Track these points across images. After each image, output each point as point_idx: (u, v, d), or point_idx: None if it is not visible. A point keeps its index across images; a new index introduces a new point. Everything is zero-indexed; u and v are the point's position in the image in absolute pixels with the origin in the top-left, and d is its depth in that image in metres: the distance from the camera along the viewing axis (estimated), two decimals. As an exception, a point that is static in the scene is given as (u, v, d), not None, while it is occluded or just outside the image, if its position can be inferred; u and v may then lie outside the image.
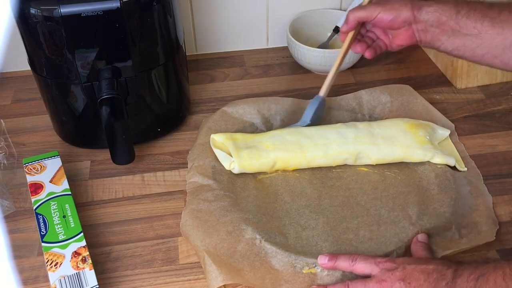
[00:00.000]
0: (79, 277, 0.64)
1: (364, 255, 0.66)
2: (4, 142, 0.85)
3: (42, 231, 0.69)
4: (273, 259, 0.68)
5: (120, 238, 0.74)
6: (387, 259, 0.65)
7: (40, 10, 0.71)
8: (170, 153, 0.87)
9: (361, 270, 0.65)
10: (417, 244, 0.70)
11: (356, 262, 0.65)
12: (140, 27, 0.76)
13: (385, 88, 0.93)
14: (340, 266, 0.66)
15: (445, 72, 1.02)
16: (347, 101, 0.92)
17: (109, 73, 0.77)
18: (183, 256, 0.72)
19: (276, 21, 1.08)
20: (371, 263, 0.65)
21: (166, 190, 0.81)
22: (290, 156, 0.79)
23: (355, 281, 0.64)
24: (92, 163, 0.85)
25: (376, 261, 0.65)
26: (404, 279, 0.62)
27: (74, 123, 0.86)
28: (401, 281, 0.62)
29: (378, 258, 0.65)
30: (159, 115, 0.88)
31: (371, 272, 0.64)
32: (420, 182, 0.79)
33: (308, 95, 0.96)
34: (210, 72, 1.05)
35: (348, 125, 0.84)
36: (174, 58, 0.84)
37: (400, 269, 0.63)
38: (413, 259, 0.65)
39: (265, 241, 0.69)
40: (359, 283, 0.64)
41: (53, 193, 0.75)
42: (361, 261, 0.65)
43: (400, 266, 0.63)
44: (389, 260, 0.65)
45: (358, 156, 0.80)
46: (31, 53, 0.79)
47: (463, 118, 0.92)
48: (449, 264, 0.62)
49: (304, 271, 0.67)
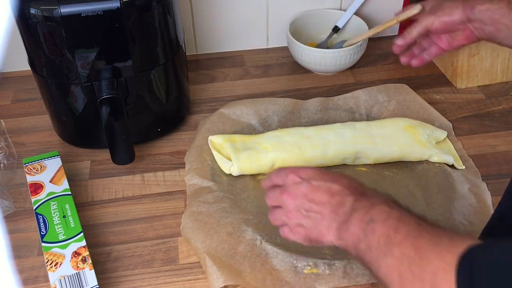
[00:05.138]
0: (79, 277, 0.64)
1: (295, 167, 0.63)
2: (4, 142, 0.85)
3: (42, 231, 0.69)
4: (274, 259, 0.68)
5: (120, 238, 0.74)
6: (298, 170, 0.62)
7: (40, 10, 0.71)
8: (170, 153, 0.87)
9: (276, 181, 0.64)
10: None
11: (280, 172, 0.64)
12: (140, 27, 0.76)
13: (382, 88, 0.93)
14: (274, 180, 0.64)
15: (445, 72, 1.02)
16: (344, 101, 0.92)
17: (109, 73, 0.77)
18: (183, 256, 0.72)
19: (276, 21, 1.07)
20: (285, 173, 0.63)
21: (166, 190, 0.81)
22: (289, 157, 0.79)
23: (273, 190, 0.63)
24: (92, 163, 0.85)
25: (288, 171, 0.62)
26: (307, 194, 0.60)
27: (74, 123, 0.86)
28: (304, 196, 0.60)
29: (296, 169, 0.63)
30: (159, 115, 0.88)
31: (282, 182, 0.63)
32: (419, 181, 0.79)
33: (308, 95, 0.96)
34: (210, 72, 1.05)
35: (346, 125, 0.84)
36: (174, 58, 0.84)
37: (305, 184, 0.60)
38: (321, 175, 0.61)
39: (266, 242, 0.69)
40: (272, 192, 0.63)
41: (53, 193, 0.75)
42: (280, 171, 0.64)
43: (306, 182, 0.61)
44: (299, 172, 0.62)
45: (357, 156, 0.80)
46: (31, 53, 0.79)
47: (463, 118, 0.92)
48: (353, 190, 0.59)
49: (306, 272, 0.67)
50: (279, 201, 0.63)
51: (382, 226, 0.52)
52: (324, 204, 0.59)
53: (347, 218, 0.56)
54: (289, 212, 0.61)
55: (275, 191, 0.63)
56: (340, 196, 0.59)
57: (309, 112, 0.91)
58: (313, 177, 0.61)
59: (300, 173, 0.62)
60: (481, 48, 0.94)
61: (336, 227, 0.57)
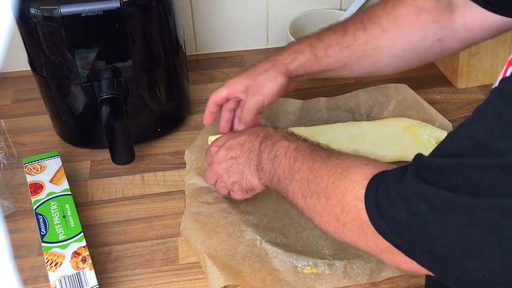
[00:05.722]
0: (79, 277, 0.64)
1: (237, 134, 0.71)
2: (4, 142, 0.85)
3: (42, 231, 0.69)
4: (274, 259, 0.68)
5: (120, 238, 0.74)
6: (215, 141, 0.73)
7: (40, 10, 0.71)
8: (170, 153, 0.87)
9: (207, 160, 0.75)
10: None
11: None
12: (140, 27, 0.76)
13: (382, 88, 0.93)
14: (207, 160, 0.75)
15: (445, 72, 1.02)
16: (344, 101, 0.92)
17: (109, 73, 0.77)
18: (183, 256, 0.72)
19: (276, 21, 1.07)
20: (208, 150, 0.74)
21: (166, 190, 0.81)
22: None
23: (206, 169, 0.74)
24: (92, 163, 0.85)
25: (219, 141, 0.73)
26: (226, 155, 0.70)
27: (74, 123, 0.86)
28: (225, 158, 0.70)
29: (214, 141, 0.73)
30: (159, 115, 0.88)
31: (210, 158, 0.73)
32: None
33: (308, 95, 0.96)
34: (210, 72, 1.05)
35: (347, 125, 0.84)
36: (174, 58, 0.84)
37: (222, 148, 0.71)
38: (231, 135, 0.72)
39: (266, 242, 0.69)
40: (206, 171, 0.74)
41: (53, 193, 0.75)
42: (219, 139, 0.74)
43: (222, 147, 0.71)
44: (216, 142, 0.73)
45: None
46: (31, 53, 0.79)
47: (463, 118, 0.91)
48: (257, 133, 0.68)
49: (306, 271, 0.67)
50: (213, 174, 0.72)
51: (284, 158, 0.62)
52: (240, 156, 0.69)
53: (259, 159, 0.66)
54: (221, 176, 0.71)
55: (207, 169, 0.74)
56: (248, 143, 0.68)
57: (309, 112, 0.91)
58: (226, 139, 0.71)
59: (216, 142, 0.73)
60: (481, 48, 0.94)
61: (254, 170, 0.67)
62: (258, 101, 0.75)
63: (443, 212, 0.43)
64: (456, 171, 0.43)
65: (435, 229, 0.43)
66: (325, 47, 0.74)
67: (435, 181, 0.43)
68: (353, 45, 0.73)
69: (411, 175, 0.45)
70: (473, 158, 0.42)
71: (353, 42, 0.73)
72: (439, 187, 0.43)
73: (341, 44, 0.73)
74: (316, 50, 0.74)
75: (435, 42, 0.71)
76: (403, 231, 0.46)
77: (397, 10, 0.71)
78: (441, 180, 0.43)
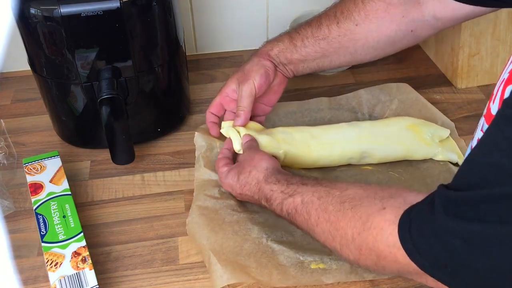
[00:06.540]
0: (79, 277, 0.64)
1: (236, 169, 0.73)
2: (4, 142, 0.85)
3: (42, 231, 0.69)
4: (280, 256, 0.68)
5: (120, 238, 0.74)
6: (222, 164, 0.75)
7: (40, 10, 0.71)
8: (170, 153, 0.87)
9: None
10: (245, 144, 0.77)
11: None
12: (140, 27, 0.76)
13: (384, 87, 0.93)
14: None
15: (445, 72, 1.02)
16: (346, 101, 0.92)
17: (109, 73, 0.77)
18: (183, 256, 0.72)
19: (276, 21, 1.07)
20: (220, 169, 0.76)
21: (166, 190, 0.81)
22: (299, 154, 0.79)
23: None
24: (92, 163, 0.85)
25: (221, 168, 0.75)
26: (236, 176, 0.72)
27: (74, 123, 0.86)
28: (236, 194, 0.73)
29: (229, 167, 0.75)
30: (159, 115, 0.88)
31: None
32: (424, 180, 0.79)
33: (308, 95, 0.96)
34: (210, 72, 1.05)
35: (351, 124, 0.84)
36: (174, 58, 0.84)
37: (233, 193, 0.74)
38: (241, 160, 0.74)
39: (272, 241, 0.70)
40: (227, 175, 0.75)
41: (53, 193, 0.75)
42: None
43: (233, 169, 0.73)
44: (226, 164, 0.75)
45: (362, 155, 0.81)
46: (31, 53, 0.79)
47: (463, 118, 0.92)
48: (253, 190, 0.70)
49: (312, 266, 0.67)
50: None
51: (296, 215, 0.63)
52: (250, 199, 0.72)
53: (274, 211, 0.68)
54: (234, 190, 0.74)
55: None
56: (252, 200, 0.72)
57: (311, 111, 0.91)
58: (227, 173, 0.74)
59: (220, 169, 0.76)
60: (481, 48, 0.94)
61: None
62: (250, 85, 0.78)
63: (477, 244, 0.44)
64: (484, 202, 0.44)
65: (472, 262, 0.45)
66: (302, 38, 0.79)
67: (465, 215, 0.45)
68: (328, 37, 0.77)
69: (441, 211, 0.47)
70: (497, 187, 0.43)
71: (328, 35, 0.77)
72: (469, 220, 0.44)
73: (316, 36, 0.78)
74: (294, 40, 0.80)
75: (408, 33, 0.76)
76: (444, 267, 0.48)
77: (367, 5, 0.75)
78: (471, 213, 0.45)
